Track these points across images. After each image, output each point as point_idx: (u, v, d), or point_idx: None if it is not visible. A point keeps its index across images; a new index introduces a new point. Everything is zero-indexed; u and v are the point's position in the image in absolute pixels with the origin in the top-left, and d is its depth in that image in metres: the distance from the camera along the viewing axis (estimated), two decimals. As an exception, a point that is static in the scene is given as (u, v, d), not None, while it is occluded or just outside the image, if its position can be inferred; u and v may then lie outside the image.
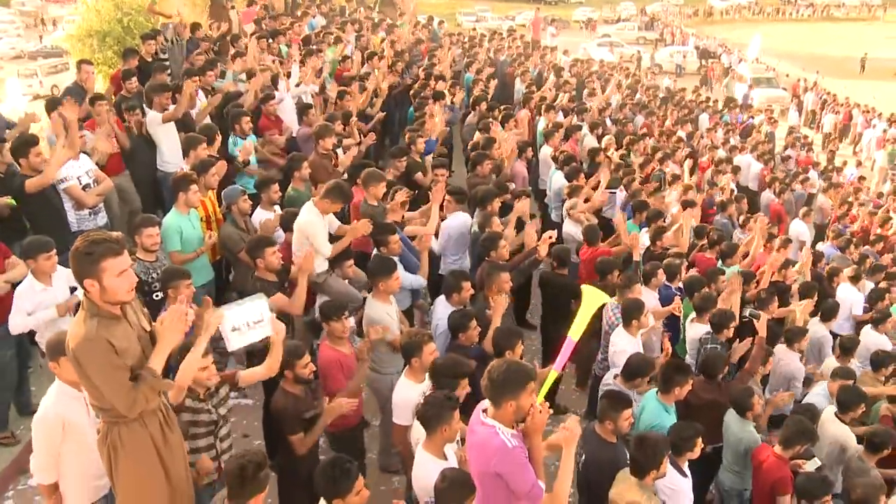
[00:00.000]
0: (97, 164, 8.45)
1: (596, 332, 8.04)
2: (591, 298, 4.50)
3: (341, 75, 13.81)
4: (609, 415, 5.61)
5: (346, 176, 9.69)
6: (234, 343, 4.84)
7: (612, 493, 5.30)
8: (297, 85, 11.77)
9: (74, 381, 4.65)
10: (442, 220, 8.56)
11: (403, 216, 8.46)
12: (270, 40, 13.98)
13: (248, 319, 4.83)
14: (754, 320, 7.57)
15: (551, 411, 4.23)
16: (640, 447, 5.18)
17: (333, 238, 7.47)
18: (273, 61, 12.70)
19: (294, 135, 10.79)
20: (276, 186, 8.26)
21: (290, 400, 5.62)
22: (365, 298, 7.17)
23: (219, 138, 9.12)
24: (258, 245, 6.78)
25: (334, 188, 7.31)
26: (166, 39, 12.51)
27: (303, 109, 10.94)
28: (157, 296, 6.70)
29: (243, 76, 11.57)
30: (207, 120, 9.99)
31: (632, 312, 7.10)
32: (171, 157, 9.42)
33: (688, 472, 5.72)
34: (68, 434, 4.80)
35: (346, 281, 7.51)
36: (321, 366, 6.11)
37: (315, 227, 7.20)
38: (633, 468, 5.20)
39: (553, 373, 4.28)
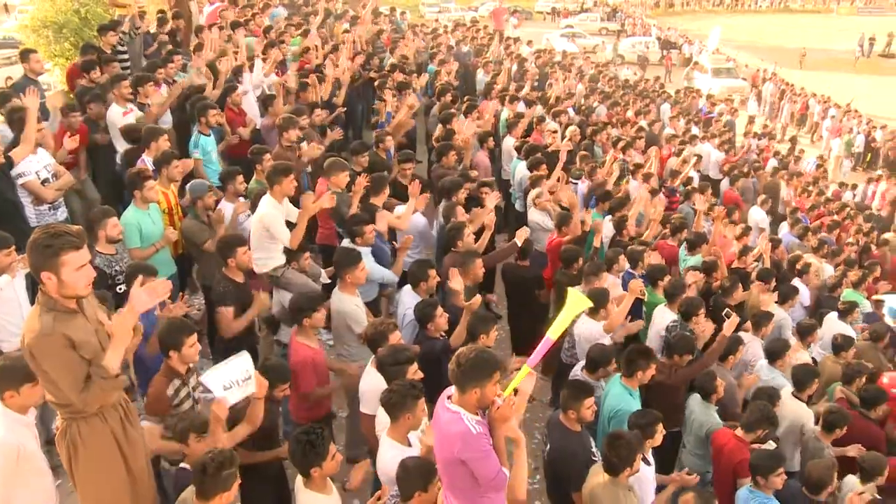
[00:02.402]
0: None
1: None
2: (575, 302, 4.51)
3: (303, 67, 13.71)
4: (571, 404, 5.64)
5: (310, 168, 9.68)
6: (231, 400, 4.89)
7: (585, 489, 5.34)
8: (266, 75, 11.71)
9: (23, 405, 4.70)
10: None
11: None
12: (231, 31, 13.81)
13: (237, 378, 4.92)
14: (726, 318, 7.62)
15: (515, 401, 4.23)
16: (613, 447, 5.17)
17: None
18: (235, 53, 12.57)
19: (258, 127, 10.70)
20: (240, 178, 8.20)
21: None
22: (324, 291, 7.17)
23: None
24: (230, 244, 6.73)
25: (273, 169, 7.31)
26: (125, 32, 12.31)
27: (266, 101, 10.85)
28: (120, 289, 6.61)
29: (203, 69, 11.43)
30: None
31: (597, 301, 7.15)
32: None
33: (651, 459, 5.78)
34: (22, 462, 4.69)
35: (304, 274, 7.48)
36: (293, 364, 6.09)
37: (273, 217, 7.17)
38: (606, 467, 5.21)
39: (525, 368, 4.28)
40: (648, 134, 16.83)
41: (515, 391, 4.28)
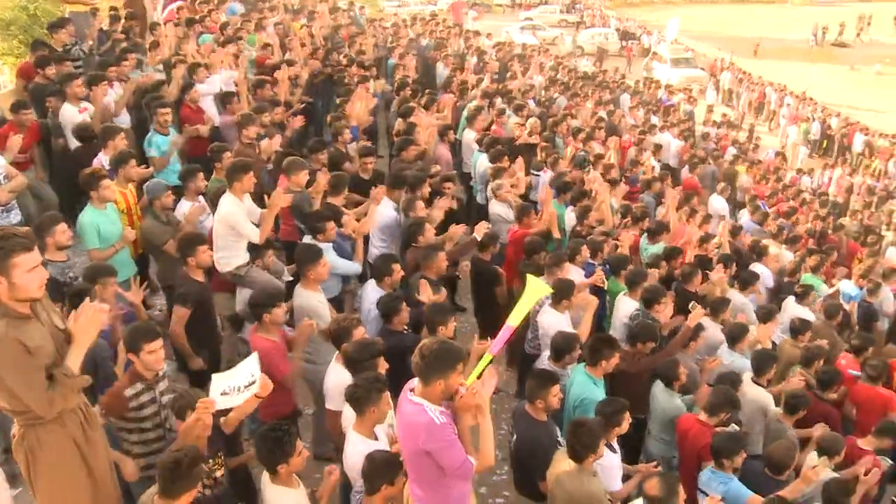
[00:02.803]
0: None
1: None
2: (534, 288, 4.52)
3: (262, 63, 13.60)
4: (538, 393, 5.66)
5: (270, 165, 9.60)
6: (219, 405, 4.75)
7: (549, 475, 5.36)
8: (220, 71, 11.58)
9: None
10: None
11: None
12: (187, 28, 13.66)
13: (240, 384, 4.81)
14: (691, 309, 7.69)
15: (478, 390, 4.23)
16: (576, 434, 5.19)
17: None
18: (198, 52, 12.43)
19: (217, 125, 10.59)
20: (201, 175, 8.12)
21: None
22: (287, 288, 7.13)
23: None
24: (190, 243, 6.68)
25: (233, 166, 7.26)
26: (76, 34, 12.09)
27: (225, 98, 10.74)
28: (76, 296, 6.50)
29: (161, 66, 11.29)
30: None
31: (562, 292, 7.17)
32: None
33: (617, 447, 5.82)
34: None
35: (266, 271, 7.43)
36: (259, 356, 6.02)
37: (237, 215, 7.11)
38: (571, 454, 5.22)
39: (487, 356, 4.29)
40: (608, 124, 16.93)
41: (479, 377, 4.29)
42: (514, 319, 4.40)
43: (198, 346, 6.58)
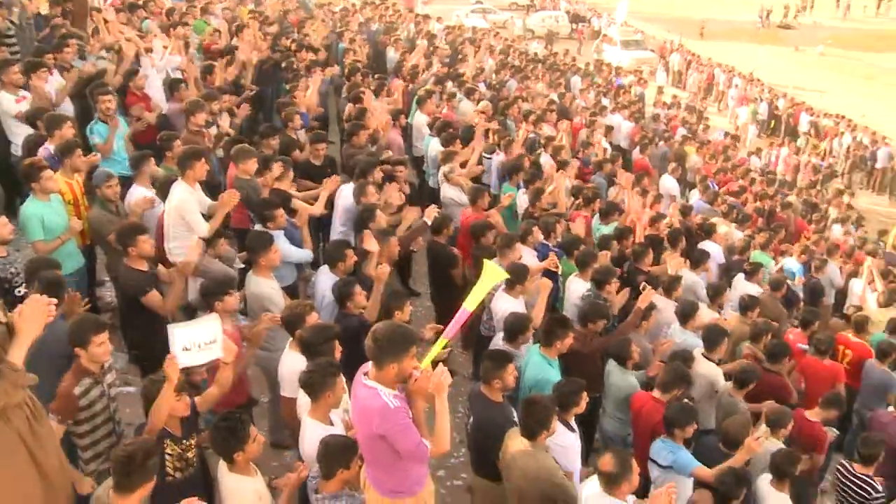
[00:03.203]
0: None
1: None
2: (491, 273, 4.51)
3: (210, 48, 13.38)
4: (494, 374, 5.64)
5: (221, 153, 9.47)
6: (183, 361, 4.73)
7: (503, 454, 5.38)
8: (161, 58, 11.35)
9: None
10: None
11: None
12: (130, 14, 13.36)
13: (200, 340, 4.80)
14: (641, 290, 7.76)
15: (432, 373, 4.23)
16: (529, 411, 5.23)
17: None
18: (137, 36, 12.15)
19: (164, 112, 10.39)
20: (153, 160, 7.97)
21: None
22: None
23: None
24: (129, 233, 6.50)
25: (184, 154, 7.17)
26: (13, 22, 11.71)
27: (173, 85, 10.53)
28: (19, 291, 6.28)
29: (104, 53, 11.03)
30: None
31: (516, 277, 7.18)
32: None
33: (575, 426, 5.86)
34: None
35: (218, 259, 7.34)
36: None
37: (189, 204, 7.02)
38: (524, 431, 5.26)
39: (442, 339, 4.29)
40: (559, 106, 17.00)
41: (434, 364, 4.29)
42: (470, 303, 4.40)
43: (147, 337, 6.46)
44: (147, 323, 6.51)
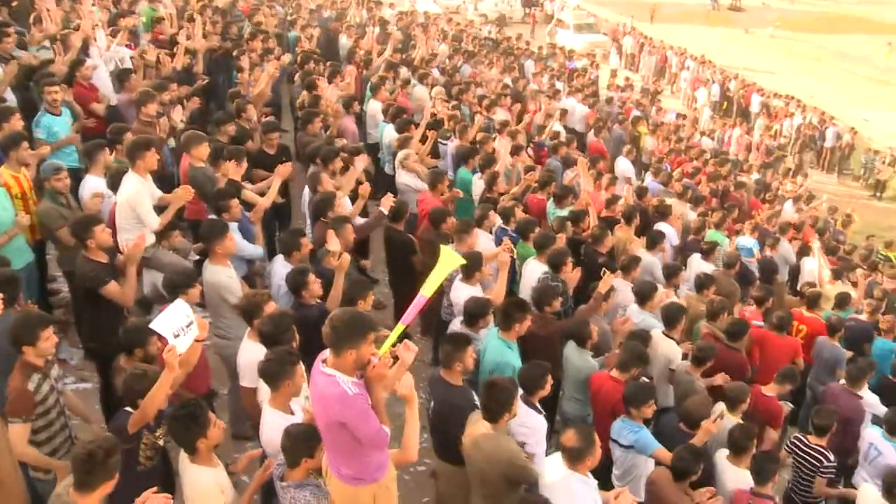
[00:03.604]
0: None
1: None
2: (447, 259, 4.50)
3: (157, 38, 13.16)
4: (455, 356, 5.65)
5: (173, 143, 9.34)
6: (180, 348, 4.76)
7: (465, 438, 5.39)
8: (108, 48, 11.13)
9: None
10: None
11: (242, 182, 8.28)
12: (73, 1, 13.06)
13: (182, 324, 4.80)
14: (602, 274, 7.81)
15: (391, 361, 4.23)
16: (490, 394, 5.23)
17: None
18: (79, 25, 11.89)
19: (113, 103, 10.20)
20: (107, 150, 7.84)
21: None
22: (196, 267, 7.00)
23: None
24: (86, 225, 6.36)
25: (133, 144, 7.06)
26: None
27: (122, 75, 10.32)
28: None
29: (46, 43, 10.77)
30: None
31: (472, 265, 7.17)
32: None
33: (541, 409, 5.89)
34: None
35: (173, 252, 7.26)
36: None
37: (140, 196, 6.92)
38: (485, 414, 5.26)
39: (400, 326, 4.28)
40: (513, 91, 17.01)
41: (396, 358, 4.28)
42: (427, 290, 4.39)
43: (103, 330, 6.36)
44: (104, 316, 6.40)
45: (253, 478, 5.11)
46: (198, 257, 7.43)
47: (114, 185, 7.35)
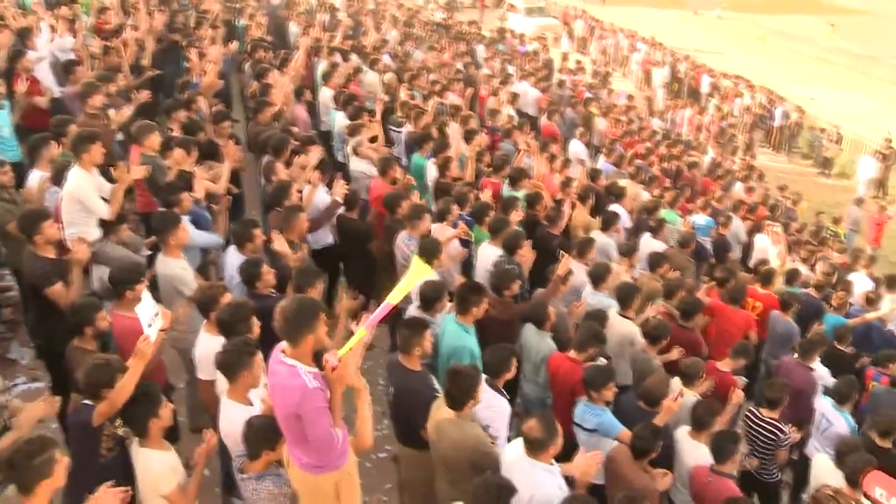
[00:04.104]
0: None
1: (390, 267, 8.14)
2: (418, 269, 4.47)
3: (101, 28, 12.90)
4: (413, 341, 5.62)
5: (121, 136, 9.17)
6: (153, 336, 4.89)
7: (430, 424, 5.38)
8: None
9: None
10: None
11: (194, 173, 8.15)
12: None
13: (151, 314, 4.92)
14: (559, 258, 7.84)
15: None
16: (453, 381, 5.20)
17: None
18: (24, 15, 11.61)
19: (56, 96, 9.97)
20: (53, 143, 7.67)
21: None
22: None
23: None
24: (33, 220, 6.25)
25: (78, 138, 6.94)
26: None
27: (67, 67, 10.10)
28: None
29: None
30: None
31: (429, 254, 7.13)
32: None
33: (505, 392, 5.88)
34: None
35: (122, 245, 7.15)
36: (119, 335, 5.83)
37: (85, 189, 6.80)
38: (449, 402, 5.23)
39: (362, 330, 4.25)
40: (465, 76, 16.99)
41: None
42: (394, 297, 4.37)
43: (52, 326, 6.25)
44: (52, 312, 6.28)
45: (210, 468, 5.07)
46: (150, 252, 7.31)
47: (58, 180, 7.20)
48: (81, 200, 6.76)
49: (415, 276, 4.44)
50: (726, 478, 5.82)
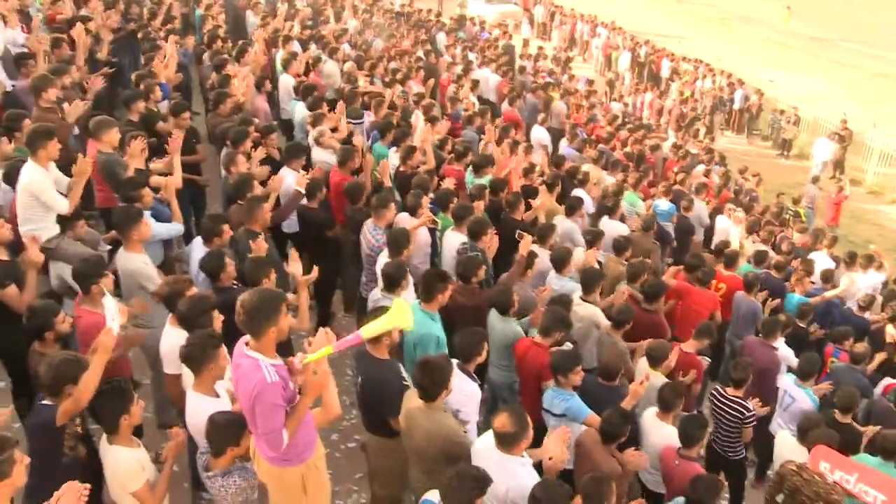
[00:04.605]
0: None
1: (356, 257, 8.11)
2: (398, 316, 4.37)
3: (55, 19, 12.65)
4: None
5: (76, 130, 9.01)
6: (116, 329, 4.87)
7: (402, 413, 5.36)
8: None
9: None
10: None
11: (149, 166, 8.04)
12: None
13: (113, 309, 4.92)
14: (518, 238, 7.86)
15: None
16: (425, 373, 5.14)
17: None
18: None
19: (8, 90, 9.76)
20: (5, 139, 7.56)
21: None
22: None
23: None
24: None
25: (34, 133, 6.80)
26: None
27: (19, 61, 9.89)
28: None
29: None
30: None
31: (399, 242, 7.12)
32: None
33: (476, 377, 5.88)
34: None
35: (80, 242, 7.04)
36: (82, 332, 5.75)
37: (42, 184, 6.67)
38: (421, 394, 5.19)
39: (328, 348, 4.21)
40: (426, 64, 16.94)
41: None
42: (366, 333, 4.31)
43: (10, 330, 6.12)
44: (13, 315, 6.16)
45: (179, 464, 5.03)
46: (109, 247, 7.21)
47: (10, 179, 7.07)
48: (38, 196, 6.64)
49: (393, 321, 4.35)
50: (693, 461, 5.89)
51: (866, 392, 8.25)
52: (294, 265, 6.10)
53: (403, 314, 4.42)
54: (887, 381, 8.58)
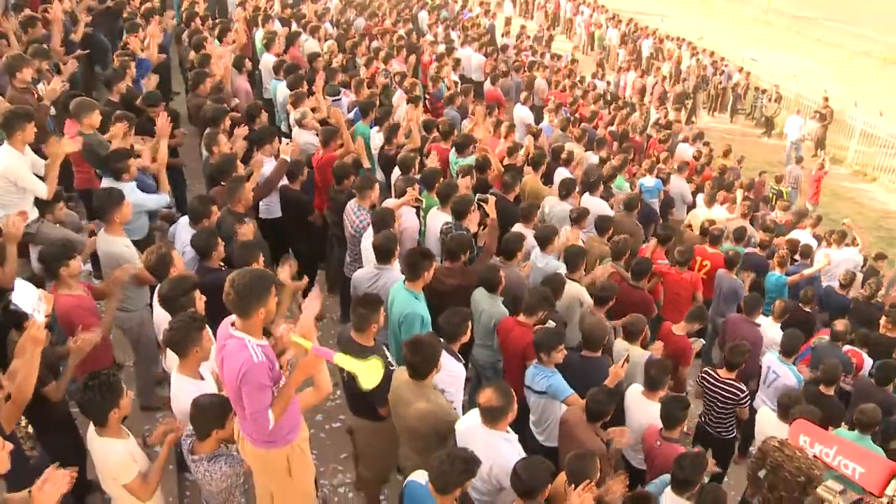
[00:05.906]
0: None
1: (340, 238, 8.08)
2: (367, 372, 4.30)
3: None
4: (371, 318, 5.48)
5: (54, 111, 8.89)
6: (39, 319, 4.74)
7: (391, 393, 5.36)
8: None
9: None
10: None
11: (132, 145, 7.95)
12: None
13: (34, 298, 4.85)
14: (483, 205, 7.85)
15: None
16: (415, 352, 5.15)
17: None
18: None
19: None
20: None
21: None
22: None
23: None
24: None
25: (11, 115, 6.69)
26: None
27: (-10, 42, 9.74)
28: None
29: None
30: None
31: (385, 221, 7.07)
32: None
33: (460, 357, 5.88)
34: None
35: (59, 225, 6.97)
36: (62, 314, 5.71)
37: (19, 168, 6.59)
38: (411, 373, 5.20)
39: (309, 344, 4.16)
40: (408, 43, 16.83)
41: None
42: (337, 358, 4.16)
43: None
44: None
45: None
46: (91, 229, 7.14)
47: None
48: (16, 182, 6.56)
49: (361, 371, 4.23)
50: (675, 443, 5.91)
51: (847, 368, 8.31)
52: (284, 273, 6.01)
53: (372, 374, 4.26)
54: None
